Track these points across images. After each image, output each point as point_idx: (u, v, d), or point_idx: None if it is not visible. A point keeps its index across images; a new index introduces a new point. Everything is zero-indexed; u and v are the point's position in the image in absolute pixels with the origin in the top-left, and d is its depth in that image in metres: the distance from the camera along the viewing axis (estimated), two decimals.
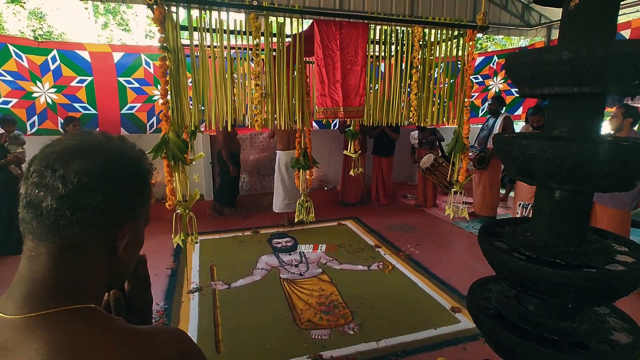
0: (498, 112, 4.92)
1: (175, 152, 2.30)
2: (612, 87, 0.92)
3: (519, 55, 1.06)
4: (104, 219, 0.55)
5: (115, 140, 0.61)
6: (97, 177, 0.53)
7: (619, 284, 1.00)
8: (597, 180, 0.97)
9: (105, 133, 0.62)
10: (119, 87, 4.80)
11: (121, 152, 0.59)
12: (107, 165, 0.55)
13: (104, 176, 0.54)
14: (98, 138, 0.59)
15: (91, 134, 0.60)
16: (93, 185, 0.53)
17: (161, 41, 2.21)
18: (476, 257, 3.97)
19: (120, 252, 0.58)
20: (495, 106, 4.89)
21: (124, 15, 13.32)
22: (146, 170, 0.63)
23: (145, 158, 0.64)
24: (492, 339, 1.19)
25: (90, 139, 0.58)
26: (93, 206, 0.53)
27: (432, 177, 5.26)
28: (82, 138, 0.58)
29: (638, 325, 1.15)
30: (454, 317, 2.86)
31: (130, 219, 0.59)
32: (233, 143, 5.12)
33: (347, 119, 4.00)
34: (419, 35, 2.70)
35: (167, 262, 3.80)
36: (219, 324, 2.77)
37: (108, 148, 0.58)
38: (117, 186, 0.56)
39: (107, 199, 0.54)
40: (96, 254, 0.56)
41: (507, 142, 1.09)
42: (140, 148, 0.65)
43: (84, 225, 0.53)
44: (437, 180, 5.25)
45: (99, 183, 0.53)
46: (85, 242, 0.54)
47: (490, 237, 1.27)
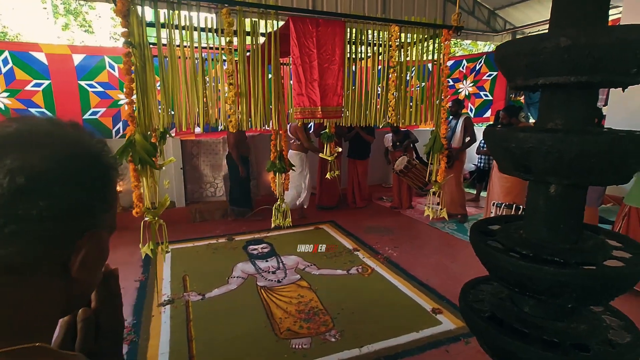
0: (458, 114, 5.09)
1: (143, 155, 2.13)
2: (611, 75, 0.89)
3: (512, 45, 1.02)
4: (51, 232, 0.41)
5: (67, 127, 0.47)
6: (39, 176, 0.40)
7: (621, 280, 0.97)
8: (597, 173, 0.94)
9: (54, 118, 0.48)
10: (80, 92, 4.51)
11: (75, 142, 0.46)
12: (53, 160, 0.42)
13: (50, 175, 0.41)
14: (42, 124, 0.45)
15: (33, 119, 0.46)
16: (33, 187, 0.39)
17: (125, 36, 2.04)
18: (453, 257, 4.00)
19: (74, 271, 0.45)
20: (455, 108, 5.06)
21: (87, 16, 12.68)
22: (108, 166, 0.49)
23: (107, 150, 0.50)
24: (489, 343, 1.14)
25: (31, 126, 0.44)
26: (34, 215, 0.39)
27: (406, 179, 5.28)
28: (20, 125, 0.44)
29: (634, 323, 1.13)
30: (435, 319, 2.83)
31: (87, 229, 0.45)
32: (243, 145, 5.02)
33: (324, 121, 3.95)
34: (395, 34, 2.68)
35: (135, 274, 3.56)
36: (192, 338, 2.60)
37: (56, 137, 0.44)
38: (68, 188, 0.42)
39: (55, 205, 0.41)
40: (44, 276, 0.43)
41: (503, 136, 1.04)
42: (102, 138, 0.52)
43: (24, 242, 0.40)
44: (411, 182, 5.28)
45: (42, 184, 0.40)
46: (27, 264, 0.41)
47: (484, 236, 1.22)
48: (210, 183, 5.67)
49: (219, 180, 5.67)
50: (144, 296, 3.15)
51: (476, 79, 6.61)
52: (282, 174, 3.83)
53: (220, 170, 5.68)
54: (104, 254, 0.51)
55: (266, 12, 2.38)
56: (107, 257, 0.53)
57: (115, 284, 0.60)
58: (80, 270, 0.46)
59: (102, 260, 0.51)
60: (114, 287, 0.59)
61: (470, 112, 6.73)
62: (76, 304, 0.52)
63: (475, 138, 5.06)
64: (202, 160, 5.62)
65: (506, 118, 4.51)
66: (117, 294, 0.60)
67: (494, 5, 7.41)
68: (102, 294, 0.57)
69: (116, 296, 0.60)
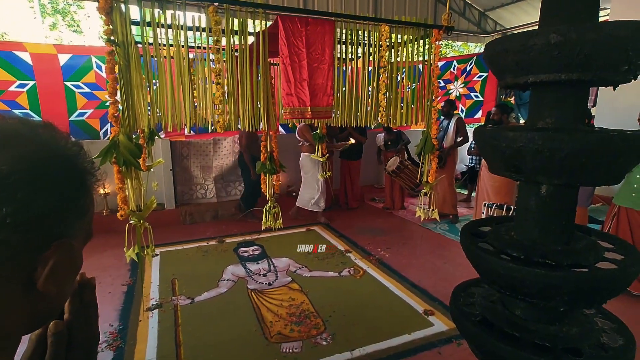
0: (450, 114, 5.11)
1: (127, 156, 2.07)
2: (602, 73, 0.87)
3: (501, 42, 0.99)
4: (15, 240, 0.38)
5: (38, 128, 0.43)
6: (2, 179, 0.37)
7: (614, 283, 0.95)
8: (588, 173, 0.91)
9: (25, 118, 0.44)
10: (67, 92, 4.39)
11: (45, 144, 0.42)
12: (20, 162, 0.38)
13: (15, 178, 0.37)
14: (9, 124, 0.41)
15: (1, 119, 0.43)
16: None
17: (107, 34, 1.99)
18: (445, 258, 3.99)
19: (41, 284, 0.41)
20: (447, 108, 5.08)
21: (75, 15, 12.50)
22: (83, 170, 0.46)
23: (83, 153, 0.46)
24: (480, 347, 1.11)
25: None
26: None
27: (399, 180, 5.27)
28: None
29: (626, 325, 1.12)
30: (427, 321, 2.80)
31: (58, 237, 0.42)
32: (255, 146, 4.97)
33: (315, 121, 3.91)
34: (385, 34, 2.66)
35: (122, 278, 3.49)
36: (180, 343, 2.54)
37: (24, 138, 0.41)
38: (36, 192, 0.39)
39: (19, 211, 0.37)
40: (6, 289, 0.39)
41: (493, 135, 1.02)
42: (78, 141, 0.48)
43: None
44: (403, 183, 5.27)
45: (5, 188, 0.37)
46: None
47: (474, 238, 1.19)
48: (200, 184, 5.59)
49: (209, 182, 5.60)
50: (131, 301, 3.08)
51: (467, 80, 6.63)
52: (273, 175, 3.78)
53: (211, 171, 5.61)
54: (75, 265, 0.47)
55: (255, 11, 2.34)
56: (79, 268, 0.49)
57: (91, 294, 0.56)
58: (48, 283, 0.42)
59: (73, 272, 0.47)
60: (89, 297, 0.55)
61: (462, 113, 6.75)
62: (43, 318, 0.48)
63: (467, 138, 5.08)
64: (193, 161, 5.54)
65: (498, 114, 4.52)
66: (92, 305, 0.56)
67: (484, 7, 7.45)
68: (75, 305, 0.53)
69: (91, 307, 0.55)
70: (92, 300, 0.56)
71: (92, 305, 0.55)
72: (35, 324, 0.47)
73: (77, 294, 0.53)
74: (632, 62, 0.85)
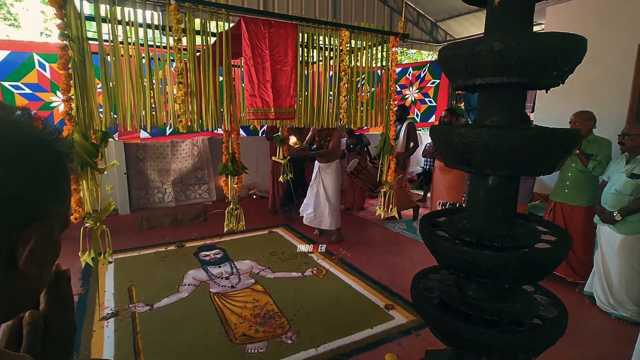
0: (403, 119, 5.33)
1: (83, 155, 1.98)
2: (536, 77, 1.01)
3: (453, 48, 1.11)
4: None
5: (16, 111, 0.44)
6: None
7: (550, 260, 1.09)
8: (527, 164, 1.05)
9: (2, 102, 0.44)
10: (4, 93, 3.99)
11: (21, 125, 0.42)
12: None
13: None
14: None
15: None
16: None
17: (61, 27, 1.90)
18: (402, 255, 4.17)
19: (21, 263, 0.41)
20: (400, 113, 5.30)
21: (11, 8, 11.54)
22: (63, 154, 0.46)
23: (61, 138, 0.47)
24: (438, 327, 1.21)
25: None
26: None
27: (357, 181, 5.42)
28: None
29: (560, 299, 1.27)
30: (388, 315, 2.92)
31: (36, 218, 0.42)
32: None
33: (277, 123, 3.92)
34: (346, 39, 2.77)
35: (74, 288, 3.26)
36: (140, 351, 2.45)
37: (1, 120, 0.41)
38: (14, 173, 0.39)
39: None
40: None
41: (446, 131, 1.13)
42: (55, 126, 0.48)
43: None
44: (362, 183, 5.43)
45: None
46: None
47: (432, 227, 1.30)
48: (157, 188, 5.39)
49: (167, 186, 5.41)
50: (84, 311, 2.92)
51: (421, 85, 6.98)
52: (235, 177, 3.74)
53: (169, 174, 5.43)
54: (54, 249, 0.47)
55: (217, 11, 2.34)
56: (58, 253, 0.49)
57: (67, 285, 0.56)
58: (28, 262, 0.42)
59: (52, 255, 0.47)
60: (64, 288, 0.55)
61: (417, 117, 7.09)
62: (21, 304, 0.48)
63: (418, 143, 5.32)
64: (149, 164, 5.33)
65: (449, 117, 4.84)
66: (68, 296, 0.56)
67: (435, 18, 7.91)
68: (51, 296, 0.53)
69: (67, 298, 0.56)
70: (68, 291, 0.56)
71: (68, 296, 0.56)
72: (11, 311, 0.47)
73: (53, 285, 0.54)
74: (560, 68, 1.00)
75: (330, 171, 4.41)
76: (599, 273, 2.95)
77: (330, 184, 4.38)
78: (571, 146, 1.07)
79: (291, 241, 4.59)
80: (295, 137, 4.62)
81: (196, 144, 5.60)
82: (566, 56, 0.97)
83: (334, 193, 4.38)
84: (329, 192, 4.38)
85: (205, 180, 5.74)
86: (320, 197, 4.42)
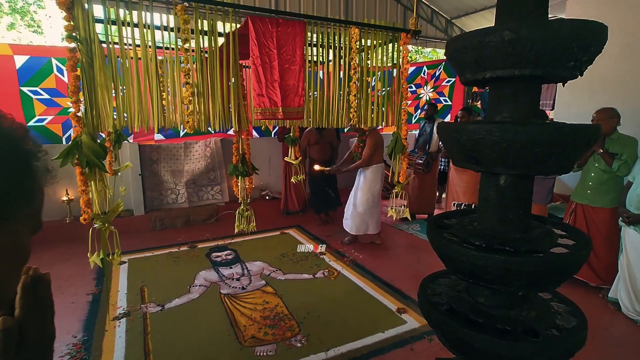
0: (433, 118, 5.22)
1: (90, 157, 1.99)
2: (551, 69, 0.93)
3: (461, 39, 1.05)
4: None
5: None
6: None
7: (566, 266, 1.01)
8: (541, 163, 0.97)
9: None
10: (23, 99, 4.04)
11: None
12: None
13: None
14: None
15: None
16: None
17: (69, 29, 1.92)
18: (416, 257, 4.07)
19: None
20: (431, 112, 5.20)
21: (35, 15, 11.93)
22: (28, 153, 0.43)
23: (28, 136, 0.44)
24: (446, 335, 1.15)
25: None
26: None
27: None
28: None
29: (579, 308, 1.18)
30: (400, 319, 2.85)
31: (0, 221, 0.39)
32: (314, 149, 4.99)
33: (287, 123, 3.90)
34: (355, 36, 2.71)
35: (87, 288, 3.33)
36: (150, 352, 2.46)
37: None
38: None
39: None
40: None
41: (454, 128, 1.06)
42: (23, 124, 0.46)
43: None
44: None
45: None
46: None
47: (440, 229, 1.24)
48: (171, 189, 5.45)
49: (180, 187, 5.46)
50: (97, 310, 2.95)
51: (436, 84, 6.84)
52: (245, 178, 3.73)
53: (182, 176, 5.48)
54: (20, 252, 0.44)
55: (225, 10, 2.32)
56: (26, 257, 0.46)
57: (45, 290, 0.52)
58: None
59: (17, 257, 0.45)
60: (43, 293, 0.52)
61: None
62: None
63: None
64: (163, 166, 5.40)
65: (465, 116, 4.70)
66: (47, 301, 0.53)
67: (450, 15, 7.75)
68: (27, 301, 0.50)
69: (45, 304, 0.52)
70: (46, 297, 0.53)
71: (47, 301, 0.53)
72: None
73: (29, 289, 0.50)
74: (578, 58, 0.92)
75: (364, 175, 4.24)
76: (624, 278, 2.80)
77: (364, 189, 4.20)
78: (590, 143, 0.99)
79: (303, 242, 4.55)
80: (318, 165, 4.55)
81: (209, 145, 5.64)
82: (584, 45, 0.89)
83: (363, 199, 4.18)
84: (358, 196, 4.24)
85: (218, 181, 5.76)
86: (351, 199, 4.37)
